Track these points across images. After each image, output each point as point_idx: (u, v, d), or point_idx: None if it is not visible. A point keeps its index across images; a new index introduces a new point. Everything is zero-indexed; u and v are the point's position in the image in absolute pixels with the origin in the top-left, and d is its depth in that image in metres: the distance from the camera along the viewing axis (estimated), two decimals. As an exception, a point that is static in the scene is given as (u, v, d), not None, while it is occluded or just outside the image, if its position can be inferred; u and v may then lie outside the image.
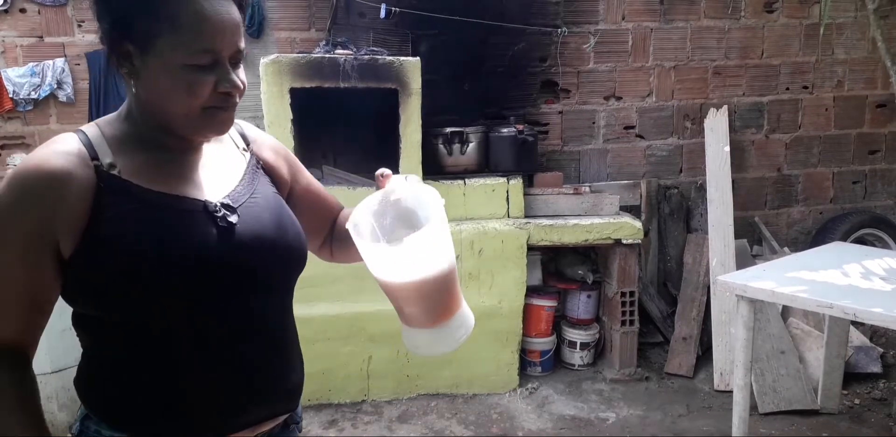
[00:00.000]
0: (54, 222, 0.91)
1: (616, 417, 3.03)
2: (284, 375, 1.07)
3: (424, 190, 1.06)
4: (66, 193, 0.91)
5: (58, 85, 3.38)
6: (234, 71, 0.97)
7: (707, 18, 3.85)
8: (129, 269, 0.91)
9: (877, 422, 2.93)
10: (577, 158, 3.86)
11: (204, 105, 0.95)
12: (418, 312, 1.04)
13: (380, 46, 3.32)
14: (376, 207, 1.06)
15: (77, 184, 0.92)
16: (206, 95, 0.95)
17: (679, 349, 3.45)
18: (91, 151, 0.95)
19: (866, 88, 4.08)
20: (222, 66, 0.95)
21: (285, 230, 1.06)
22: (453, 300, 1.06)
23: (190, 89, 0.94)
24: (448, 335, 1.05)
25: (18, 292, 0.92)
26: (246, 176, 1.08)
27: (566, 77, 3.77)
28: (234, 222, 1.00)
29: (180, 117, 0.96)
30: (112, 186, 0.94)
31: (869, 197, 4.21)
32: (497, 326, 3.20)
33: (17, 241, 0.91)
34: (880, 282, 2.37)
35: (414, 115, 3.06)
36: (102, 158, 0.95)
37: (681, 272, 3.68)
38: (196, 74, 0.93)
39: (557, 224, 3.23)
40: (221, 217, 0.99)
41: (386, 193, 1.06)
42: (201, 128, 0.99)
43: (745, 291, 2.40)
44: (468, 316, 1.09)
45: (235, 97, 0.98)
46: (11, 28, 3.35)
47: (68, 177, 0.92)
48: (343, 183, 3.13)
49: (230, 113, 1.00)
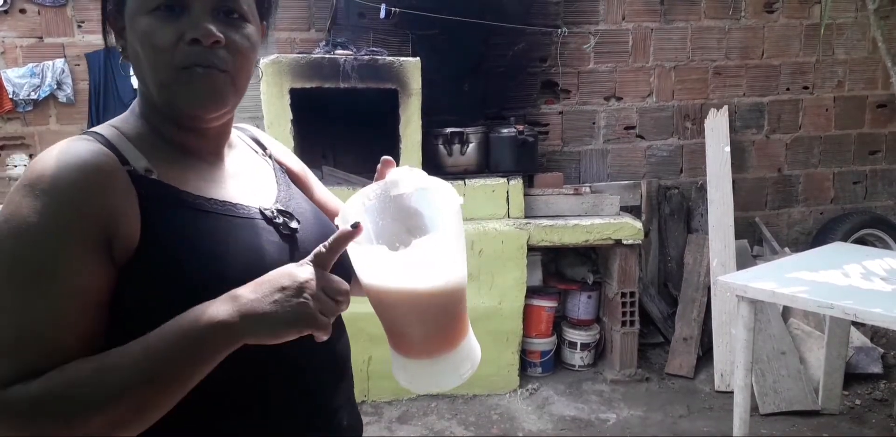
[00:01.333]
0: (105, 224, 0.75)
1: (616, 418, 3.02)
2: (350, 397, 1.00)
3: (436, 185, 0.85)
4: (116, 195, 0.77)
5: (57, 86, 3.38)
6: (221, 24, 0.81)
7: (707, 19, 3.85)
8: (197, 285, 0.77)
9: (878, 423, 2.93)
10: (577, 158, 3.86)
11: (177, 63, 0.79)
12: (416, 337, 0.84)
13: (380, 46, 3.32)
14: (373, 201, 0.86)
15: (122, 187, 0.78)
16: (171, 47, 0.79)
17: (679, 350, 3.45)
18: (118, 155, 0.80)
19: (867, 89, 4.08)
20: (193, 13, 0.79)
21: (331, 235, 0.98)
22: (460, 326, 0.86)
23: (148, 40, 0.79)
24: (450, 370, 0.85)
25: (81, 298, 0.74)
26: (279, 180, 0.98)
27: (566, 77, 3.77)
28: (296, 229, 0.90)
29: (157, 88, 0.81)
30: (157, 194, 0.80)
31: (869, 197, 4.21)
32: (497, 326, 3.19)
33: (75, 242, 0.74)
34: (881, 282, 2.36)
35: (414, 115, 3.05)
36: (134, 161, 0.81)
37: (681, 273, 3.68)
38: (158, 22, 0.79)
39: (558, 225, 3.23)
40: (283, 224, 0.89)
41: (386, 185, 0.86)
42: (180, 96, 0.81)
43: (746, 291, 2.40)
44: (474, 347, 0.89)
45: (217, 52, 0.80)
46: (11, 28, 3.35)
47: (114, 177, 0.77)
48: (343, 183, 3.12)
49: (214, 75, 0.81)
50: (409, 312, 0.82)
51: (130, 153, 0.81)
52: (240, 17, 0.84)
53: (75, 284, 0.73)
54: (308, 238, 0.90)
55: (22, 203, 0.74)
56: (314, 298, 0.73)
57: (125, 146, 0.82)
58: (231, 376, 0.81)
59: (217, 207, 0.84)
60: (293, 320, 0.72)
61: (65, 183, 0.74)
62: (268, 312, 0.71)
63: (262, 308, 0.72)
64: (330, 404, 0.93)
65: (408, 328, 0.84)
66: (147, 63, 0.81)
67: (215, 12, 0.81)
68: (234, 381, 0.82)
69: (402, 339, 0.85)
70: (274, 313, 0.71)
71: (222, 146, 0.93)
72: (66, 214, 0.74)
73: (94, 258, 0.74)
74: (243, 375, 0.83)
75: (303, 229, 0.91)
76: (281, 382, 0.86)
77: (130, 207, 0.77)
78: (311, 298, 0.73)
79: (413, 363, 0.85)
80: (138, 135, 0.85)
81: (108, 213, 0.75)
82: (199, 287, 0.77)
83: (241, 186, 0.91)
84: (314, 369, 0.90)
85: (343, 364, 0.98)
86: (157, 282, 0.77)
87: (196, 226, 0.81)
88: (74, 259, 0.73)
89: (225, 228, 0.83)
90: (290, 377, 0.87)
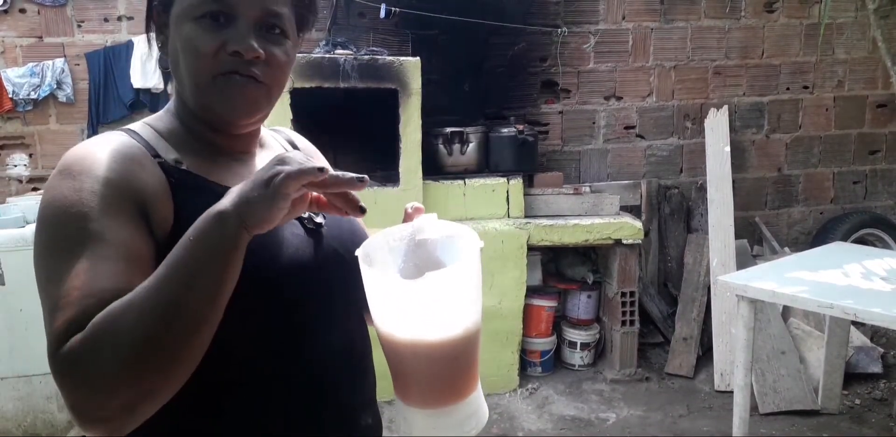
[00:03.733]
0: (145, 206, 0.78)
1: (616, 417, 3.02)
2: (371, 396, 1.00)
3: (461, 232, 0.82)
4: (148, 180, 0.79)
5: (57, 85, 3.38)
6: (262, 40, 0.83)
7: (707, 18, 3.85)
8: None
9: (877, 422, 2.93)
10: (577, 158, 3.86)
11: (215, 71, 0.82)
12: (421, 383, 0.78)
13: (380, 46, 3.32)
14: (397, 243, 0.84)
15: (154, 175, 0.81)
16: (211, 55, 0.81)
17: (679, 350, 3.45)
18: (150, 149, 0.83)
19: (866, 88, 4.08)
20: (238, 26, 0.81)
21: (357, 235, 0.96)
22: (469, 377, 0.80)
23: (191, 45, 0.81)
24: (453, 425, 0.79)
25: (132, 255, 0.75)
26: None
27: (566, 77, 3.77)
28: (320, 223, 0.90)
29: (193, 91, 0.84)
30: (186, 183, 0.83)
31: (869, 197, 4.21)
32: (497, 326, 3.19)
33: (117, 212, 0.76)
34: (881, 282, 2.37)
35: (414, 115, 3.05)
36: (164, 154, 0.84)
37: (681, 273, 3.68)
38: (202, 29, 0.81)
39: (557, 224, 3.23)
40: (308, 218, 0.89)
41: (413, 229, 0.84)
42: (216, 102, 0.83)
43: (746, 291, 2.40)
44: (482, 404, 0.83)
45: (257, 66, 0.83)
46: (11, 28, 3.35)
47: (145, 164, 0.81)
48: (343, 183, 3.12)
49: (250, 85, 0.83)
50: (416, 354, 0.76)
51: (161, 147, 0.85)
52: (281, 32, 0.86)
53: (125, 244, 0.75)
54: (333, 234, 0.92)
55: (62, 185, 0.77)
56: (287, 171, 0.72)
57: (156, 141, 0.85)
58: (252, 375, 0.83)
59: None
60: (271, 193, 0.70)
61: (99, 165, 0.78)
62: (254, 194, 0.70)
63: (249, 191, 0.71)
64: (350, 403, 0.93)
65: (412, 371, 0.78)
66: (186, 67, 0.83)
67: (258, 27, 0.83)
68: (254, 380, 0.83)
69: (405, 383, 0.79)
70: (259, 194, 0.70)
71: (253, 145, 0.95)
72: (105, 190, 0.76)
73: (137, 226, 0.77)
74: (264, 373, 0.83)
75: (328, 225, 0.92)
76: (300, 381, 0.86)
77: (164, 192, 0.80)
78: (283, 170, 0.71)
79: (412, 412, 0.79)
80: (170, 131, 0.88)
81: (143, 194, 0.78)
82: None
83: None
84: (334, 368, 0.90)
85: (363, 363, 0.98)
86: None
87: None
88: (119, 226, 0.75)
89: None
90: (309, 376, 0.87)
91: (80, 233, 0.74)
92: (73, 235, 0.74)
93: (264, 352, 0.83)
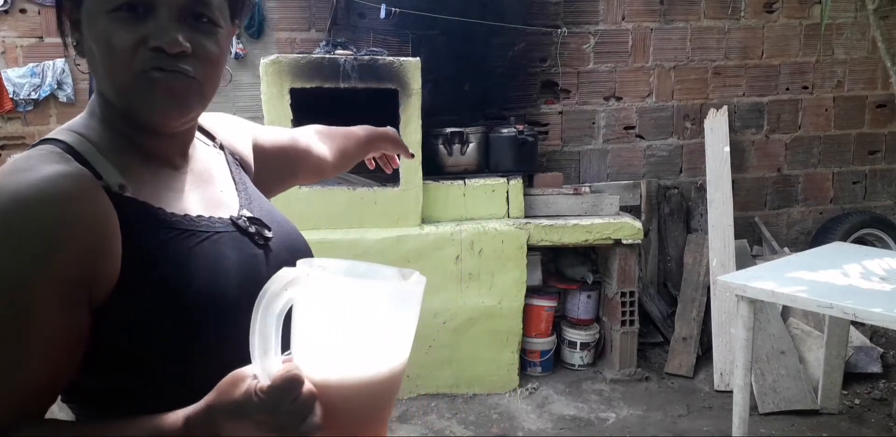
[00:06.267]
0: (90, 263, 0.69)
1: (616, 417, 3.03)
2: None
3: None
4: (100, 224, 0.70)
5: (58, 85, 3.38)
6: (189, 30, 0.75)
7: (707, 19, 3.85)
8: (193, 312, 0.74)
9: (877, 422, 2.93)
10: (577, 158, 3.86)
11: (135, 69, 0.73)
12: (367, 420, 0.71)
13: (380, 47, 3.32)
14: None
15: (106, 212, 0.71)
16: (130, 52, 0.72)
17: (679, 350, 3.45)
18: (92, 171, 0.73)
19: (866, 89, 4.08)
20: (159, 17, 0.73)
21: (297, 233, 0.94)
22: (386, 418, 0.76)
23: (107, 41, 0.72)
24: None
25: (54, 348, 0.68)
26: (236, 178, 0.93)
27: (566, 77, 3.77)
28: (270, 237, 0.86)
29: (115, 92, 0.76)
30: (134, 214, 0.74)
31: (869, 197, 4.21)
32: (497, 326, 3.20)
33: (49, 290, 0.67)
34: (880, 282, 2.37)
35: (414, 115, 3.06)
36: (107, 177, 0.74)
37: (681, 273, 3.68)
38: (117, 23, 0.73)
39: (557, 224, 3.23)
40: (257, 233, 0.84)
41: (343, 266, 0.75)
42: (140, 103, 0.75)
43: (745, 291, 2.40)
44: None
45: (184, 61, 0.74)
46: (11, 28, 3.35)
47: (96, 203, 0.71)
48: (343, 183, 3.13)
49: (178, 81, 0.75)
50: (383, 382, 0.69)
51: (102, 167, 0.74)
52: (209, 21, 0.77)
53: (48, 336, 0.67)
54: (277, 245, 0.87)
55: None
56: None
57: (95, 158, 0.75)
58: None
59: (195, 225, 0.79)
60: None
61: (41, 219, 0.66)
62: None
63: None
64: None
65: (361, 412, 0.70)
66: (103, 66, 0.75)
67: (182, 16, 0.75)
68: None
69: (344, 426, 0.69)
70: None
71: (188, 147, 0.87)
72: (42, 258, 0.66)
73: (72, 304, 0.68)
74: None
75: (276, 235, 0.87)
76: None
77: (114, 234, 0.71)
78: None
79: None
80: (105, 143, 0.78)
81: (93, 249, 0.69)
82: (195, 313, 0.74)
83: (210, 192, 0.86)
84: None
85: None
86: (148, 313, 0.72)
87: (180, 248, 0.76)
88: (48, 310, 0.66)
89: (210, 247, 0.78)
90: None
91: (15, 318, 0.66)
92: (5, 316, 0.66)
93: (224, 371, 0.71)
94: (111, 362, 0.74)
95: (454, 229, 3.11)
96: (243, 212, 0.87)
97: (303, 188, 3.03)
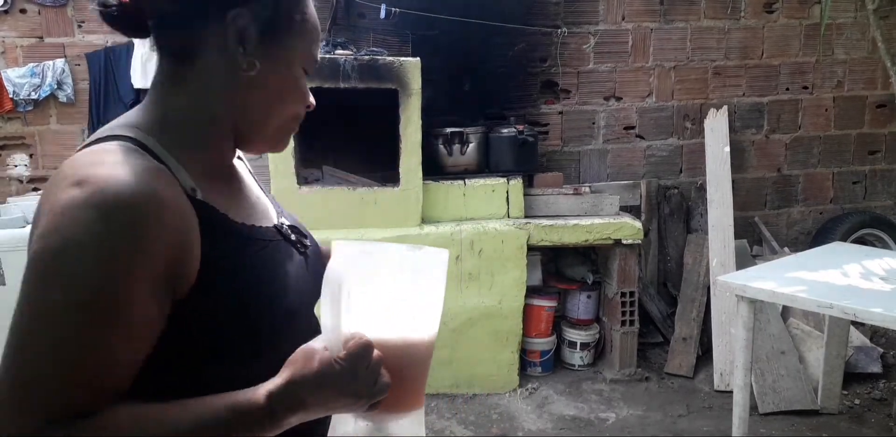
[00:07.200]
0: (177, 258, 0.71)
1: (616, 417, 3.03)
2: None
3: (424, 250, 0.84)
4: (186, 224, 0.73)
5: (58, 85, 3.38)
6: None
7: (707, 19, 3.85)
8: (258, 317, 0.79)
9: (877, 422, 2.93)
10: (577, 158, 3.86)
11: (296, 118, 0.88)
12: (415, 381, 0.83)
13: (380, 47, 3.32)
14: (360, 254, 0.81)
15: (185, 216, 0.73)
16: (300, 103, 0.88)
17: (679, 350, 3.45)
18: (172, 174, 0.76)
19: (866, 89, 4.08)
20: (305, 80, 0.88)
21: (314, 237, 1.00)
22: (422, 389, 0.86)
23: (297, 92, 0.86)
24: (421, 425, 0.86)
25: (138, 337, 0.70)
26: (261, 186, 1.00)
27: (566, 77, 3.77)
28: (309, 245, 0.93)
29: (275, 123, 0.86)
30: (206, 217, 0.76)
31: (869, 197, 4.21)
32: (497, 326, 3.20)
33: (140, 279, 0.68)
34: (880, 282, 2.37)
35: (414, 115, 3.06)
36: (182, 180, 0.76)
37: (681, 273, 3.68)
38: (303, 79, 0.87)
39: (557, 224, 3.23)
40: (298, 242, 0.91)
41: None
42: (278, 140, 0.89)
43: (745, 291, 2.40)
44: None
45: None
46: (11, 28, 3.35)
47: (181, 202, 0.74)
48: (343, 183, 3.13)
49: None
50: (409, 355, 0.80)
51: (175, 168, 0.76)
52: None
53: (134, 323, 0.69)
54: (312, 252, 0.94)
55: (89, 228, 0.67)
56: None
57: (168, 159, 0.77)
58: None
59: (255, 233, 0.84)
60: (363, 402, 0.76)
61: (138, 210, 0.68)
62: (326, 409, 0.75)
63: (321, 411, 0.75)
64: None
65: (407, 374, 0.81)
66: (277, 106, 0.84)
67: None
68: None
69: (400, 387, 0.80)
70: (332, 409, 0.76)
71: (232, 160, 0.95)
72: (135, 248, 0.68)
73: (157, 295, 0.70)
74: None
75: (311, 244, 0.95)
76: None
77: (196, 234, 0.74)
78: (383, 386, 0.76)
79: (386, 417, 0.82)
80: (176, 145, 0.79)
81: (180, 245, 0.72)
82: (263, 319, 0.79)
83: (252, 200, 0.91)
84: None
85: None
86: (220, 318, 0.76)
87: (249, 255, 0.81)
88: (137, 299, 0.68)
89: (269, 255, 0.84)
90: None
91: (108, 299, 0.67)
92: (96, 300, 0.66)
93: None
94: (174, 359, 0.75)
95: (454, 229, 3.11)
96: (282, 220, 0.93)
97: (303, 188, 3.04)
